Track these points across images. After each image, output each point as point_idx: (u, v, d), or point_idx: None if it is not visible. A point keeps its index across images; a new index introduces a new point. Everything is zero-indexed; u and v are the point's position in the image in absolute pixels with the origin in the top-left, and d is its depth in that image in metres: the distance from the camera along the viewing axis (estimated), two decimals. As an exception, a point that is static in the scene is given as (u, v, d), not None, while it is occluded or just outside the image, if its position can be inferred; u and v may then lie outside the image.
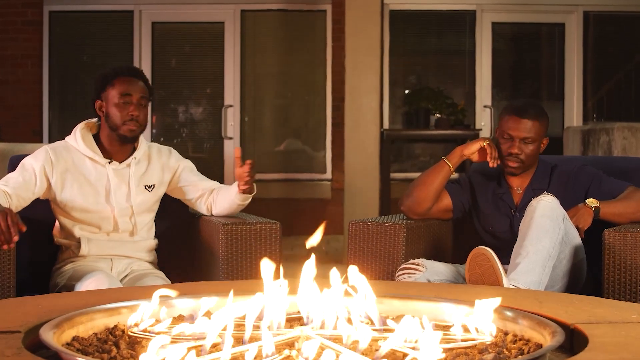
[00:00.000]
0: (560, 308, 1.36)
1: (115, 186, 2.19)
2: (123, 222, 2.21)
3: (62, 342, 1.18)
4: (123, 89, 2.15)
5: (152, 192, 2.25)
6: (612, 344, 1.13)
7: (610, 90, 6.50)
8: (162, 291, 1.29)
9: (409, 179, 5.43)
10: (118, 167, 2.20)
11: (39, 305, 1.39)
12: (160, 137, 6.40)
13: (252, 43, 6.34)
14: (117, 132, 2.17)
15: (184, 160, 2.33)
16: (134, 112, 2.14)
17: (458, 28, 6.42)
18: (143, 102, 2.17)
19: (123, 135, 2.17)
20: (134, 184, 2.21)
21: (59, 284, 2.14)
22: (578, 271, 2.15)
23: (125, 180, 2.20)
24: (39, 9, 6.16)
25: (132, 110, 2.14)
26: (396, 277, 2.18)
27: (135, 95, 2.16)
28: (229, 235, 2.14)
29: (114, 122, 2.17)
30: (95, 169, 2.19)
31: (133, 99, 2.15)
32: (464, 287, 1.77)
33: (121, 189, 2.20)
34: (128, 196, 2.21)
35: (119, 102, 2.15)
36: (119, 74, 2.18)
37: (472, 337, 1.21)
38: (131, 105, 2.15)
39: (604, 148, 4.15)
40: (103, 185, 2.19)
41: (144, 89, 2.19)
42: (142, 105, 2.17)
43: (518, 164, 2.29)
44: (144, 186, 2.24)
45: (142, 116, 2.17)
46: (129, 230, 2.22)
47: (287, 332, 1.18)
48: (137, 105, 2.16)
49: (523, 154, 2.27)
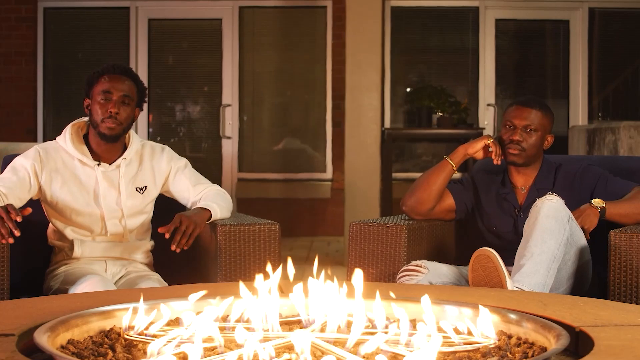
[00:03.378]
0: (565, 310, 1.35)
1: (105, 189, 2.16)
2: (113, 225, 2.18)
3: (57, 346, 1.18)
4: (105, 87, 2.13)
5: (144, 194, 2.22)
6: (618, 347, 1.13)
7: (616, 89, 6.48)
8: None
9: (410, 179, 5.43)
10: (107, 169, 2.17)
11: (34, 307, 1.38)
12: (157, 136, 6.38)
13: (250, 40, 6.32)
14: (97, 129, 2.14)
15: (178, 161, 2.27)
16: (112, 109, 2.11)
17: (461, 25, 6.40)
18: (126, 101, 2.14)
19: (102, 134, 2.14)
20: (124, 186, 2.18)
21: (53, 288, 2.11)
22: (583, 273, 2.14)
23: (115, 182, 2.17)
24: (33, 6, 6.14)
25: (111, 107, 2.11)
26: (398, 279, 2.17)
27: (116, 93, 2.13)
28: (227, 236, 2.12)
29: (94, 119, 2.14)
30: (84, 171, 2.16)
31: (113, 96, 2.13)
32: (467, 290, 1.75)
33: (110, 191, 2.17)
34: (118, 199, 2.18)
35: (100, 100, 2.13)
36: (105, 72, 2.16)
37: (476, 340, 1.20)
38: (110, 103, 2.12)
39: (609, 147, 4.13)
40: (92, 187, 2.16)
41: (129, 88, 2.16)
42: (124, 103, 2.14)
43: (519, 152, 2.27)
44: (135, 188, 2.21)
45: (123, 114, 2.13)
46: (120, 234, 2.19)
47: (287, 334, 1.18)
48: (118, 102, 2.13)
49: (525, 142, 2.26)
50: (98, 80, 2.14)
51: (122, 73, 2.16)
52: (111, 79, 2.13)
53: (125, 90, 2.14)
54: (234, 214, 2.29)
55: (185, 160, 2.29)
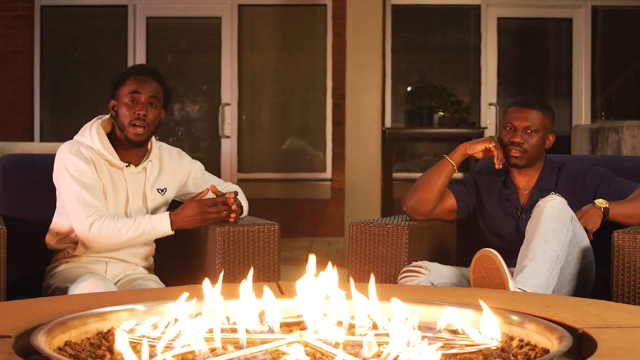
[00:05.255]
0: (567, 312, 1.34)
1: (133, 191, 2.15)
2: None
3: (54, 347, 1.17)
4: (132, 87, 2.11)
5: (164, 196, 2.23)
6: (621, 348, 1.12)
7: (620, 88, 6.46)
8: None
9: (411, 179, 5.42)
10: (134, 170, 2.16)
11: (30, 309, 1.37)
12: (155, 136, 6.34)
13: (250, 39, 6.31)
14: (124, 133, 2.12)
15: (194, 163, 2.29)
16: (141, 111, 2.09)
17: (462, 23, 6.39)
18: (153, 102, 2.13)
19: (129, 139, 2.12)
20: (149, 188, 2.18)
21: (52, 285, 2.10)
22: (586, 274, 2.13)
23: (141, 184, 2.17)
24: (30, 4, 6.12)
25: (139, 109, 2.10)
26: (399, 280, 2.16)
27: (144, 94, 2.11)
28: (226, 237, 2.11)
29: (121, 121, 2.12)
30: (111, 172, 2.14)
31: (141, 97, 2.11)
32: (468, 291, 1.74)
33: (138, 193, 2.17)
34: (144, 201, 2.18)
35: (127, 101, 2.11)
36: (132, 73, 2.14)
37: (477, 342, 1.19)
38: (139, 104, 2.11)
39: (612, 147, 4.12)
40: (122, 189, 2.15)
41: (157, 89, 2.15)
42: (151, 105, 2.12)
43: (520, 154, 2.26)
44: (157, 189, 2.21)
45: (150, 116, 2.11)
46: None
47: (286, 336, 1.17)
48: (146, 104, 2.11)
49: (526, 144, 2.25)
50: (125, 81, 2.12)
51: (149, 74, 2.15)
52: (138, 80, 2.12)
53: (153, 91, 2.13)
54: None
55: (199, 163, 2.31)
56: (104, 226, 2.03)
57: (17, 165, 2.32)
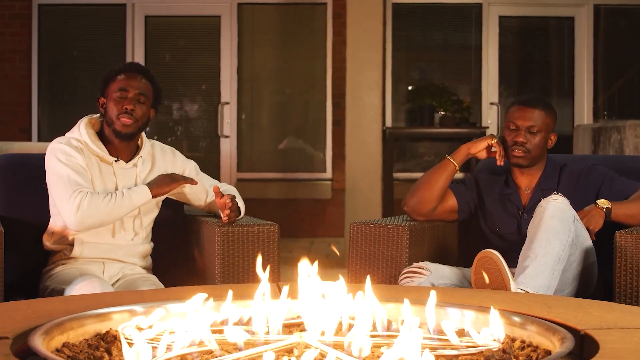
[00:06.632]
0: (569, 313, 1.34)
1: (123, 186, 2.15)
2: (128, 224, 2.17)
3: (52, 349, 1.17)
4: (121, 84, 2.14)
5: None
6: (623, 350, 1.12)
7: (622, 87, 6.45)
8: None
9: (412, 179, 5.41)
10: (124, 166, 2.17)
11: (28, 309, 1.37)
12: (154, 135, 6.34)
13: (249, 38, 6.30)
14: (112, 127, 2.14)
15: (188, 162, 2.29)
16: (128, 105, 2.11)
17: (463, 22, 6.38)
18: (141, 99, 2.15)
19: (117, 131, 2.13)
20: (141, 184, 2.17)
21: (49, 287, 2.09)
22: (588, 275, 2.12)
23: (132, 180, 2.17)
24: (28, 2, 6.11)
25: (127, 103, 2.12)
26: (399, 281, 2.16)
27: (132, 90, 2.14)
28: (225, 237, 2.11)
29: (109, 116, 2.14)
30: (101, 166, 2.15)
31: (129, 93, 2.14)
32: (469, 292, 1.74)
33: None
34: None
35: (116, 97, 2.13)
36: (122, 70, 2.17)
37: (478, 343, 1.19)
38: (127, 99, 2.13)
39: (615, 147, 4.11)
40: (111, 183, 2.15)
41: (146, 87, 2.17)
42: (139, 101, 2.14)
43: (524, 154, 2.26)
44: None
45: (138, 112, 2.13)
46: (133, 232, 2.18)
47: (286, 338, 1.17)
48: (134, 100, 2.13)
49: (529, 143, 2.25)
50: (114, 78, 2.15)
51: (139, 72, 2.17)
52: (128, 77, 2.14)
53: (142, 88, 2.15)
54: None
55: (194, 162, 2.31)
56: (88, 199, 2.03)
57: (14, 165, 2.31)
